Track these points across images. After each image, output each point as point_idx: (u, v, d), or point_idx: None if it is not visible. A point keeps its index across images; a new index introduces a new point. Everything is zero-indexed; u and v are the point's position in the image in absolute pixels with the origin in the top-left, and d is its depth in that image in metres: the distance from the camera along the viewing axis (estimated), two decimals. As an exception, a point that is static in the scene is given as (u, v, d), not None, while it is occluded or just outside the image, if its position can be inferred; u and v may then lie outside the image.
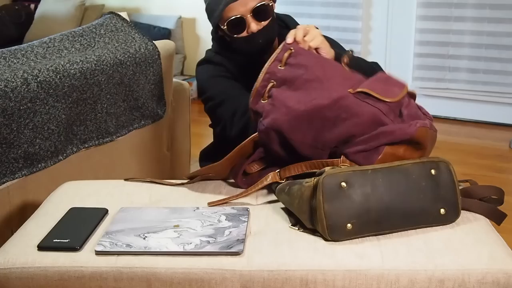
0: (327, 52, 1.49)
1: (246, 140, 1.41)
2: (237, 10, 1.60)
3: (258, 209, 1.38)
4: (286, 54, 1.37)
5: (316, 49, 1.46)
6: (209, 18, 1.69)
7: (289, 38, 1.42)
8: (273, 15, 1.68)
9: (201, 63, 1.80)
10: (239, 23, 1.62)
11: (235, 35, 1.65)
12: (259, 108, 1.37)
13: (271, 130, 1.33)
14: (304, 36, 1.45)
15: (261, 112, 1.37)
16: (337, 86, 1.31)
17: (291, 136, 1.32)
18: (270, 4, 1.64)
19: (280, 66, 1.37)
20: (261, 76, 1.37)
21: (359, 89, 1.27)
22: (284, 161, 1.38)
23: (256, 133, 1.40)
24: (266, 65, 1.38)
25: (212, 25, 1.71)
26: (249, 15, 1.61)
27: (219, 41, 1.77)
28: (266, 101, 1.35)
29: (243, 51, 1.70)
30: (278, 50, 1.40)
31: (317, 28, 1.52)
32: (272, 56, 1.39)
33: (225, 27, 1.64)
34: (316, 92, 1.30)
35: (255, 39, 1.64)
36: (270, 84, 1.35)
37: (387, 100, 1.27)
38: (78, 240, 1.24)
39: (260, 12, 1.61)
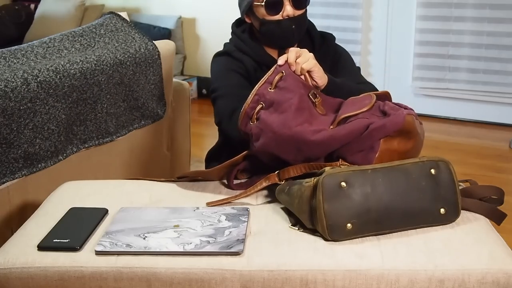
0: (320, 76, 1.49)
1: (239, 156, 1.44)
2: None
3: (258, 209, 1.38)
4: (277, 77, 1.39)
5: (308, 71, 1.47)
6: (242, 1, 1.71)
7: (281, 60, 1.43)
8: (306, 15, 1.70)
9: (220, 54, 1.80)
10: (277, 4, 1.64)
11: (268, 18, 1.66)
12: (248, 130, 1.40)
13: (263, 152, 1.38)
14: (297, 59, 1.45)
15: (250, 134, 1.40)
16: (323, 119, 1.36)
17: (283, 156, 1.36)
18: None
19: (270, 89, 1.39)
20: (250, 97, 1.39)
21: (337, 120, 1.32)
22: (276, 170, 1.41)
23: (247, 151, 1.44)
24: (256, 87, 1.40)
25: (244, 10, 1.72)
26: None
27: (243, 32, 1.77)
28: (254, 123, 1.37)
29: (272, 37, 1.70)
30: (269, 72, 1.41)
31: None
32: (263, 78, 1.40)
33: (263, 3, 1.64)
34: (302, 118, 1.33)
35: (288, 24, 1.65)
36: (259, 106, 1.37)
37: (363, 110, 1.32)
38: (78, 240, 1.24)
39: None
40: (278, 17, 1.65)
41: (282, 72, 1.40)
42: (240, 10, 1.75)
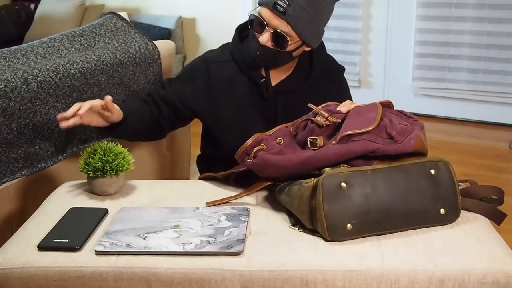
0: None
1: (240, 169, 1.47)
2: (269, 16, 1.58)
3: (258, 209, 1.38)
4: (275, 142, 1.41)
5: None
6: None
7: (343, 109, 1.43)
8: (291, 55, 1.65)
9: (203, 57, 1.80)
10: (259, 25, 1.61)
11: (251, 28, 1.66)
12: (244, 164, 1.41)
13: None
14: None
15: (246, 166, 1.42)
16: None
17: (286, 179, 1.37)
18: (291, 42, 1.59)
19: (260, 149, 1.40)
20: (252, 138, 1.40)
21: (339, 136, 1.30)
22: None
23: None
24: (257, 134, 1.41)
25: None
26: (270, 29, 1.60)
27: (243, 39, 1.75)
28: (251, 160, 1.38)
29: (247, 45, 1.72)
30: (269, 133, 1.42)
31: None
32: (256, 136, 1.41)
33: (250, 15, 1.64)
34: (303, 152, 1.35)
35: (255, 47, 1.64)
36: (260, 147, 1.38)
37: (368, 129, 1.29)
38: (78, 240, 1.24)
39: (276, 37, 1.60)
40: (257, 34, 1.63)
41: (281, 139, 1.42)
42: None
